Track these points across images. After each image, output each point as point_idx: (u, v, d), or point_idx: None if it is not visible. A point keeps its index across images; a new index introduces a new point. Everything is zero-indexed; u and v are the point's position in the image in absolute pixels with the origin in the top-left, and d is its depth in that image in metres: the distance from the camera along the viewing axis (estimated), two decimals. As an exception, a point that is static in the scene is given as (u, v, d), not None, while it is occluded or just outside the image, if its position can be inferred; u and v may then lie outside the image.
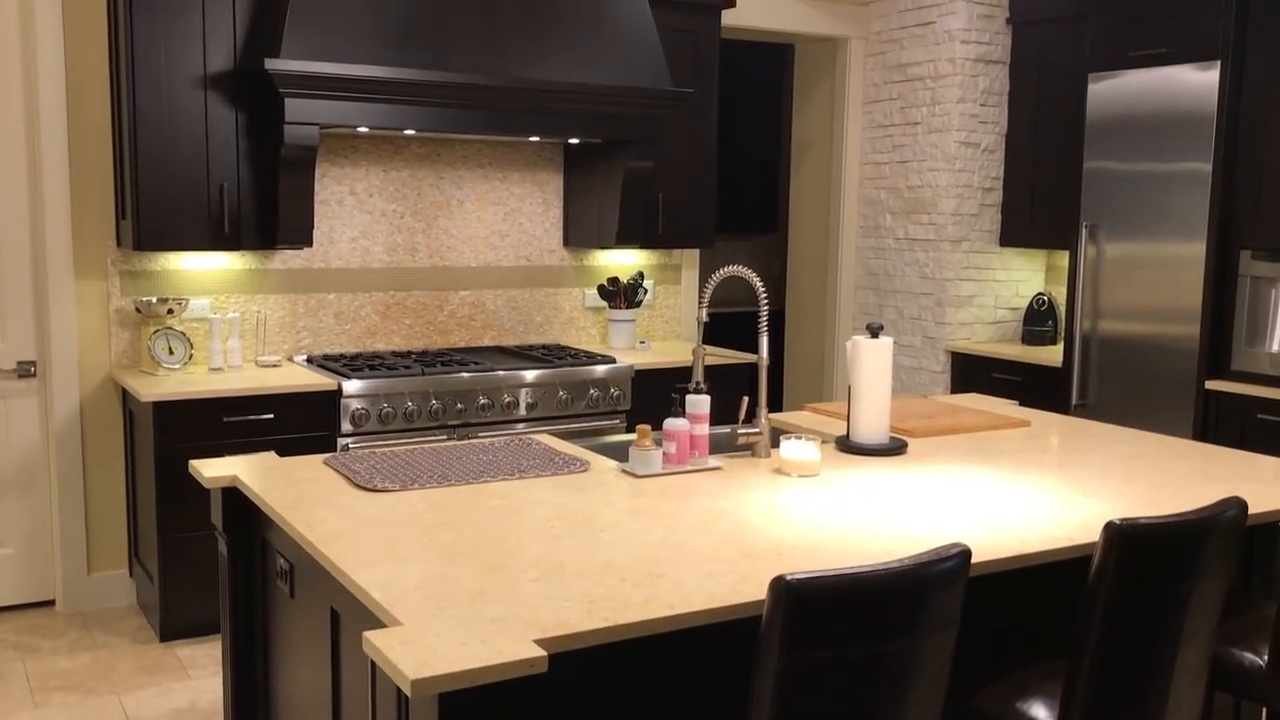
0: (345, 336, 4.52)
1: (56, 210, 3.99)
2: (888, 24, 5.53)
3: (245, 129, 3.95)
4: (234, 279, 4.29)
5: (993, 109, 5.32)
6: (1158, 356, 4.52)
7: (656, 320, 5.25)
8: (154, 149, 3.82)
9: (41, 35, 3.90)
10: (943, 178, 5.30)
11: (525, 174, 4.83)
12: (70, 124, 3.98)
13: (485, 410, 4.15)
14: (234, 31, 3.89)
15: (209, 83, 3.87)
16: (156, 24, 3.77)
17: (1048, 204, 5.18)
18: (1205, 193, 4.33)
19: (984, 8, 5.21)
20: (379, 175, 4.51)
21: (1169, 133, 4.44)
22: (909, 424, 3.10)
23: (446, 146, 4.64)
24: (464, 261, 4.73)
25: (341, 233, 4.47)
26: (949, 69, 5.23)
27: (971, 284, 5.38)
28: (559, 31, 4.22)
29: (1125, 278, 4.63)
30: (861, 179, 5.75)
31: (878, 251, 5.67)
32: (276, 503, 2.28)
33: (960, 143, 5.26)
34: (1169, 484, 2.57)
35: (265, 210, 4.01)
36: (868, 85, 5.68)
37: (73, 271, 4.03)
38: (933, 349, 5.41)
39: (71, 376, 4.07)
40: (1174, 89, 4.41)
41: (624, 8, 4.35)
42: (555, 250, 4.94)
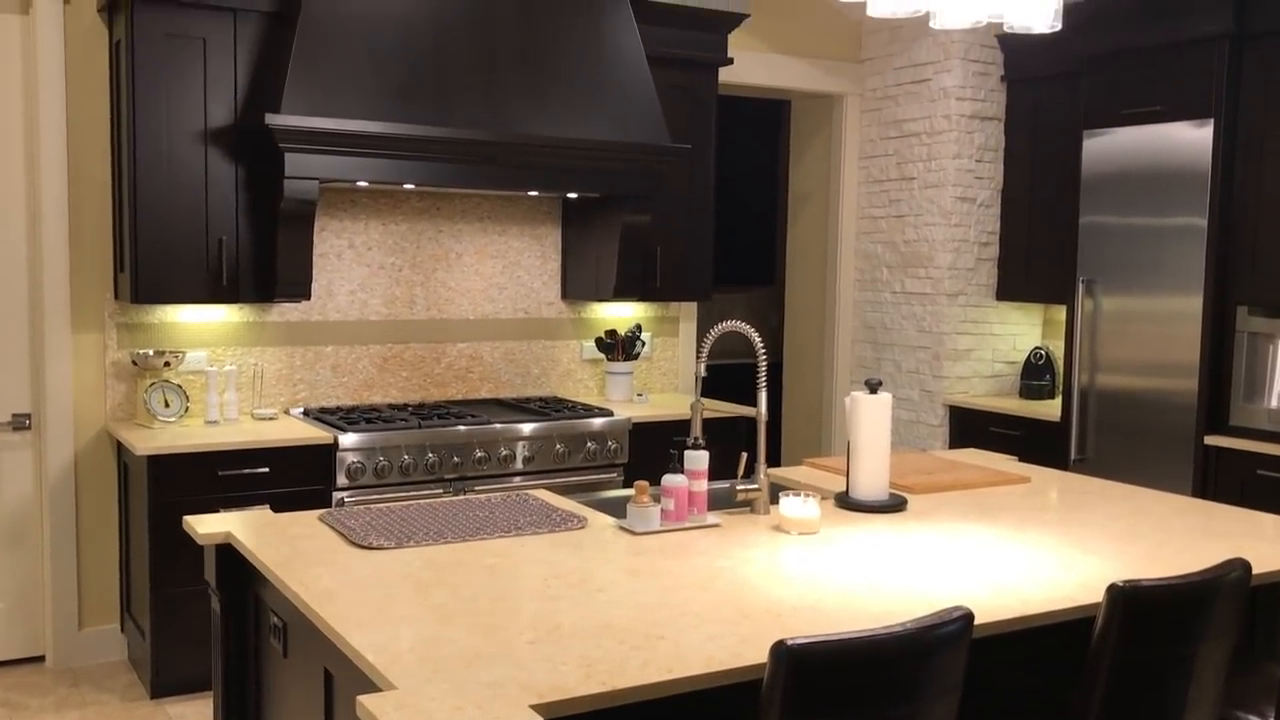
0: (342, 389, 4.51)
1: (55, 263, 3.99)
2: (883, 81, 5.58)
3: (245, 183, 3.96)
4: (231, 331, 4.29)
5: (988, 164, 5.36)
6: (1156, 411, 4.52)
7: (654, 372, 5.25)
8: (153, 202, 3.83)
9: (44, 88, 3.93)
10: (939, 232, 5.33)
11: (524, 227, 4.85)
12: (70, 177, 4.00)
13: (482, 463, 4.13)
14: (235, 86, 3.92)
15: (209, 137, 3.89)
16: (158, 79, 3.80)
17: (1044, 258, 5.20)
18: (1201, 247, 4.35)
19: (979, 65, 5.27)
20: (378, 229, 4.53)
21: (1164, 188, 4.47)
22: (908, 480, 3.09)
23: (446, 200, 4.66)
24: (462, 314, 4.73)
25: (340, 285, 4.47)
26: (945, 125, 5.28)
27: (969, 338, 5.38)
28: (558, 88, 4.25)
29: (1122, 332, 4.64)
30: (858, 233, 5.78)
31: (875, 305, 5.68)
32: (270, 560, 2.26)
33: (956, 198, 5.29)
34: (1170, 542, 2.56)
35: (264, 263, 4.01)
36: (864, 140, 5.72)
37: (70, 324, 4.03)
38: (931, 403, 5.40)
39: (66, 429, 4.05)
40: (1168, 145, 4.45)
41: (623, 65, 4.39)
42: (553, 303, 4.95)
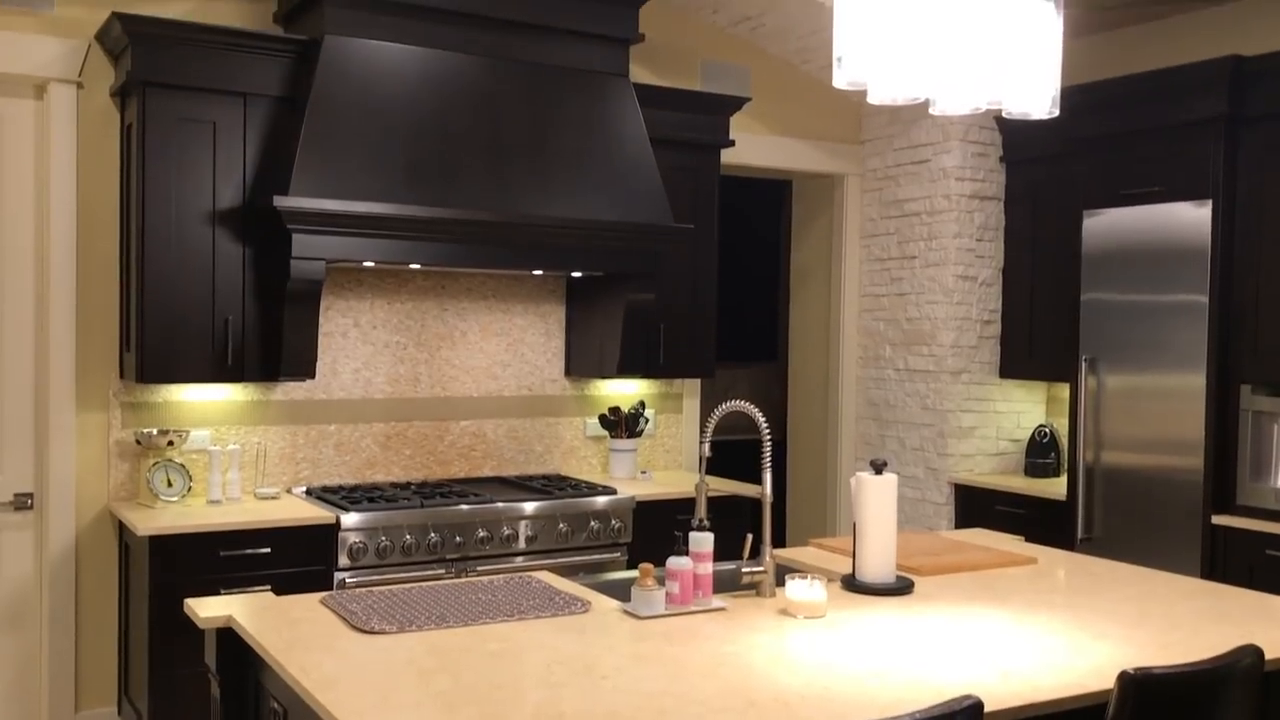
0: (345, 468, 4.50)
1: (61, 342, 4.01)
2: (883, 161, 5.65)
3: (252, 263, 4.00)
4: (236, 410, 4.29)
5: (989, 243, 5.40)
6: (1163, 489, 4.49)
7: (658, 450, 5.24)
8: (160, 282, 3.86)
9: (55, 170, 3.98)
10: (941, 310, 5.35)
11: (528, 305, 4.88)
12: (79, 258, 4.04)
13: (484, 543, 4.11)
14: (244, 168, 3.97)
15: (218, 218, 3.94)
16: (168, 161, 3.85)
17: (1046, 336, 5.22)
18: (1203, 325, 4.36)
19: (977, 146, 5.34)
20: (383, 308, 4.56)
21: (1165, 266, 4.50)
22: (915, 561, 3.07)
23: (451, 279, 4.69)
24: (466, 391, 4.74)
25: (345, 364, 4.49)
26: (945, 205, 5.33)
27: (973, 415, 5.38)
28: (563, 169, 4.31)
29: (1126, 409, 4.64)
30: (860, 310, 5.80)
31: (878, 382, 5.69)
32: (271, 645, 2.24)
33: (958, 276, 5.32)
34: (1180, 626, 2.53)
35: (269, 343, 4.03)
36: (865, 219, 5.78)
37: (74, 404, 4.04)
38: (935, 480, 5.38)
39: (68, 509, 4.04)
40: (1168, 224, 4.49)
41: (627, 147, 4.45)
42: (557, 380, 4.96)
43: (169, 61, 3.81)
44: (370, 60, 4.02)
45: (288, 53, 4.00)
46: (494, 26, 4.25)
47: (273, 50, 3.98)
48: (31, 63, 3.92)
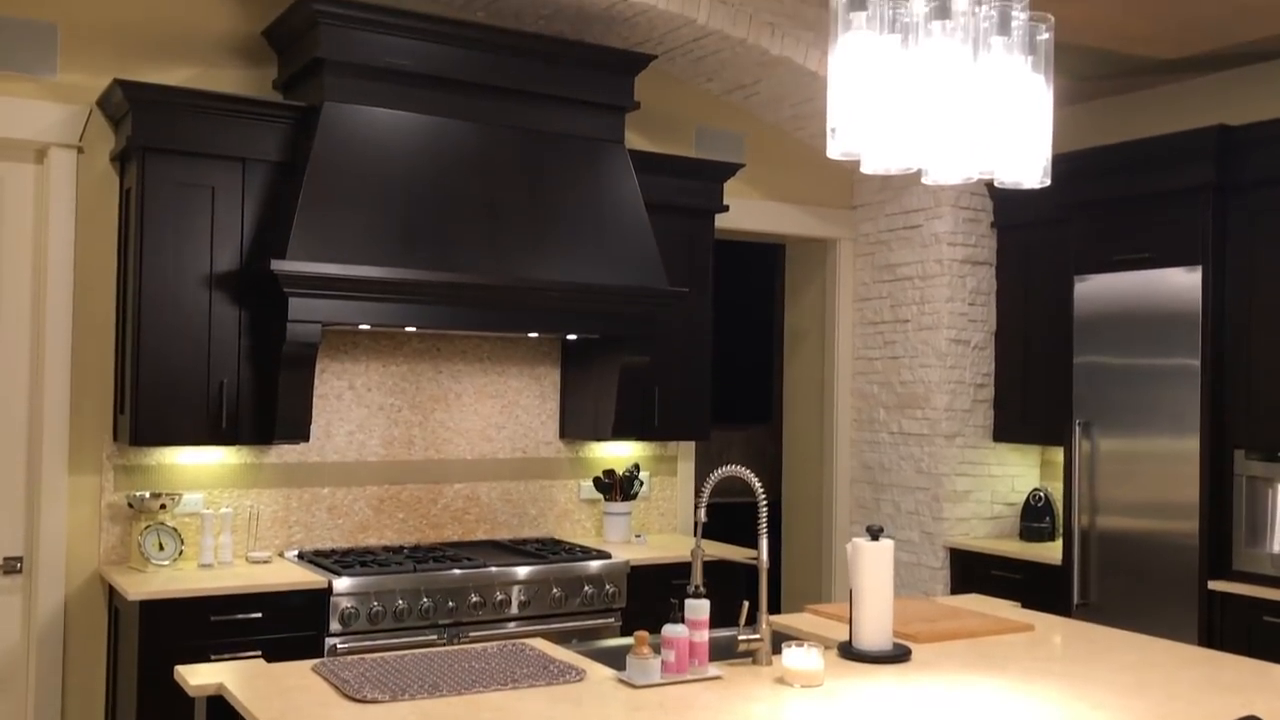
0: (338, 531, 4.47)
1: (55, 406, 4.00)
2: (875, 226, 5.70)
3: (248, 326, 4.01)
4: (229, 473, 4.27)
5: (981, 307, 5.44)
6: (1159, 553, 4.48)
7: (652, 513, 5.22)
8: (156, 345, 3.87)
9: (54, 234, 4.00)
10: (934, 374, 5.37)
11: (523, 367, 4.88)
12: (75, 321, 4.04)
13: (477, 608, 4.07)
14: (242, 232, 4.00)
15: (214, 281, 3.95)
16: (166, 225, 3.88)
17: (1040, 400, 5.23)
18: (1196, 388, 4.38)
19: (969, 212, 5.39)
20: (378, 370, 4.56)
21: (1157, 329, 4.52)
22: (912, 628, 3.05)
23: (446, 341, 4.70)
24: (460, 454, 4.73)
25: (339, 426, 4.48)
26: (937, 269, 5.37)
27: (967, 479, 5.37)
28: (559, 233, 4.34)
29: (1121, 473, 4.64)
30: (854, 373, 5.82)
31: (873, 445, 5.69)
32: (263, 714, 2.21)
33: (950, 340, 5.35)
34: (1179, 696, 2.51)
35: (264, 406, 4.03)
36: (858, 283, 5.81)
37: (67, 467, 4.02)
38: (931, 545, 5.36)
39: (58, 573, 4.00)
40: (1159, 289, 4.52)
41: (622, 212, 4.49)
42: (551, 442, 4.95)
43: (169, 127, 3.85)
44: (368, 126, 4.07)
45: (287, 119, 4.05)
46: (491, 94, 4.30)
47: (272, 116, 4.02)
48: (33, 128, 3.95)
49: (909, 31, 2.43)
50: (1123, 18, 4.63)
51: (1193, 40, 4.72)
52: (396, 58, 4.10)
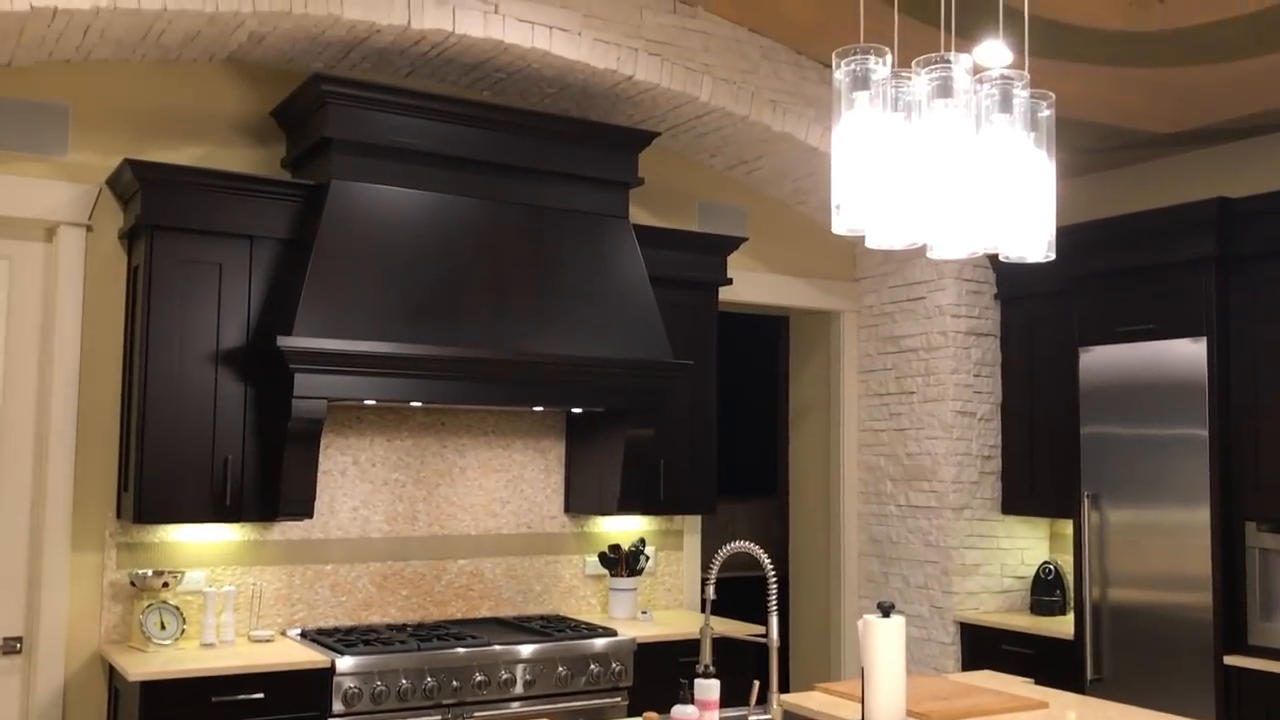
0: (341, 609, 4.43)
1: (59, 483, 3.98)
2: (879, 299, 5.72)
3: (254, 403, 4.00)
4: (232, 551, 4.24)
5: (986, 379, 5.44)
6: (1172, 628, 4.42)
7: (659, 588, 5.16)
8: (161, 422, 3.86)
9: (61, 311, 4.02)
10: (941, 445, 5.35)
11: (528, 441, 4.87)
12: (81, 398, 4.04)
13: (482, 688, 4.01)
14: (248, 309, 4.01)
15: (220, 358, 3.96)
16: (173, 302, 3.90)
17: (1047, 471, 5.20)
18: (1204, 459, 4.35)
19: (972, 284, 5.41)
20: (383, 445, 4.55)
21: (1163, 399, 4.51)
22: (925, 706, 2.99)
23: (451, 415, 4.70)
24: (464, 529, 4.69)
25: (343, 502, 4.45)
26: (941, 341, 5.38)
27: (976, 552, 5.32)
28: (564, 307, 4.36)
29: (1132, 545, 4.60)
30: (860, 445, 5.80)
31: (880, 518, 5.65)
32: (265, 802, 2.16)
33: (956, 412, 5.34)
34: (1201, 777, 2.45)
35: (268, 482, 4.01)
36: (862, 355, 5.82)
37: (69, 545, 3.99)
38: (941, 619, 5.29)
39: (58, 654, 3.95)
40: (1164, 361, 4.52)
41: (626, 285, 4.51)
42: (556, 517, 4.92)
43: (178, 206, 3.89)
44: (375, 203, 4.10)
45: (295, 197, 4.09)
46: (497, 171, 4.35)
47: (280, 195, 4.06)
48: (43, 206, 3.99)
49: (912, 109, 2.46)
50: (1119, 94, 4.69)
51: (1190, 115, 4.78)
52: (403, 136, 4.15)
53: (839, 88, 2.45)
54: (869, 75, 2.42)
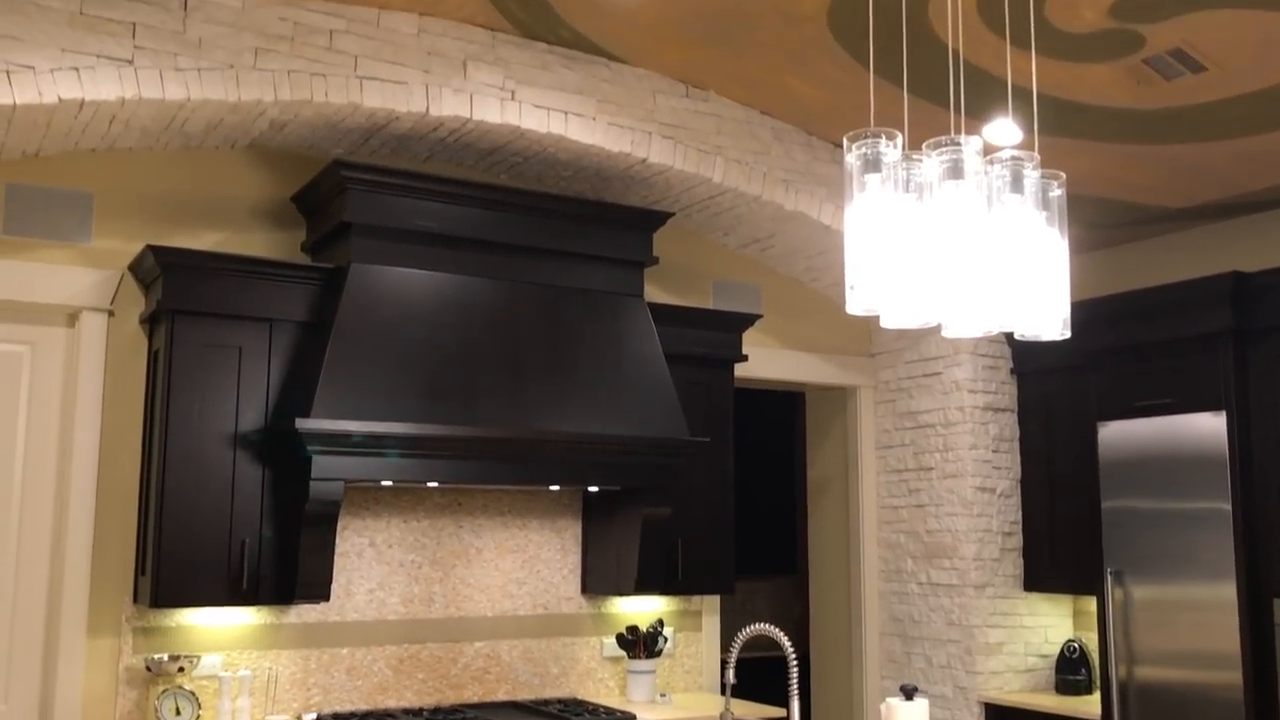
0: (357, 693, 4.38)
1: (77, 568, 3.98)
2: (895, 374, 5.72)
3: (271, 485, 4.01)
4: (248, 634, 4.21)
5: (1005, 454, 5.41)
6: (1202, 706, 4.33)
7: (677, 670, 5.09)
8: (179, 506, 3.87)
9: (82, 396, 4.05)
10: (961, 522, 5.30)
11: (544, 521, 4.85)
12: (100, 482, 4.05)
13: (500, 774, 3.95)
14: (267, 391, 4.04)
15: (239, 441, 3.98)
16: (193, 385, 3.92)
17: (1069, 547, 5.14)
18: (1229, 533, 4.30)
19: (988, 359, 5.41)
20: (399, 526, 4.54)
21: (1185, 473, 4.47)
22: (950, 794, 2.93)
23: (467, 495, 4.69)
24: (480, 611, 4.65)
25: (359, 584, 4.43)
26: (959, 416, 5.36)
27: (999, 630, 5.25)
28: (580, 385, 4.37)
29: (1158, 621, 4.52)
30: (880, 522, 5.75)
31: (901, 596, 5.58)
32: None
33: (976, 488, 5.30)
34: None
35: (285, 565, 4.00)
36: (880, 431, 5.80)
37: (85, 631, 3.97)
38: (965, 700, 5.20)
39: (71, 740, 3.91)
40: (1184, 434, 4.49)
41: (642, 363, 4.53)
42: (573, 598, 4.87)
43: (199, 290, 3.94)
44: (393, 286, 4.14)
45: (314, 280, 4.13)
46: (514, 252, 4.40)
47: (300, 278, 4.11)
48: (66, 293, 4.05)
49: (923, 190, 2.48)
50: (1130, 170, 4.73)
51: (1201, 190, 4.81)
52: (422, 220, 4.21)
53: (850, 170, 2.48)
54: (880, 158, 2.45)
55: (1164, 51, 3.87)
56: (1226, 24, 3.69)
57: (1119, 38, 3.85)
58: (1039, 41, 3.90)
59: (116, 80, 3.68)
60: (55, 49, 3.61)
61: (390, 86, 4.10)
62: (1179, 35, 3.78)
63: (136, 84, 3.71)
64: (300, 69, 3.96)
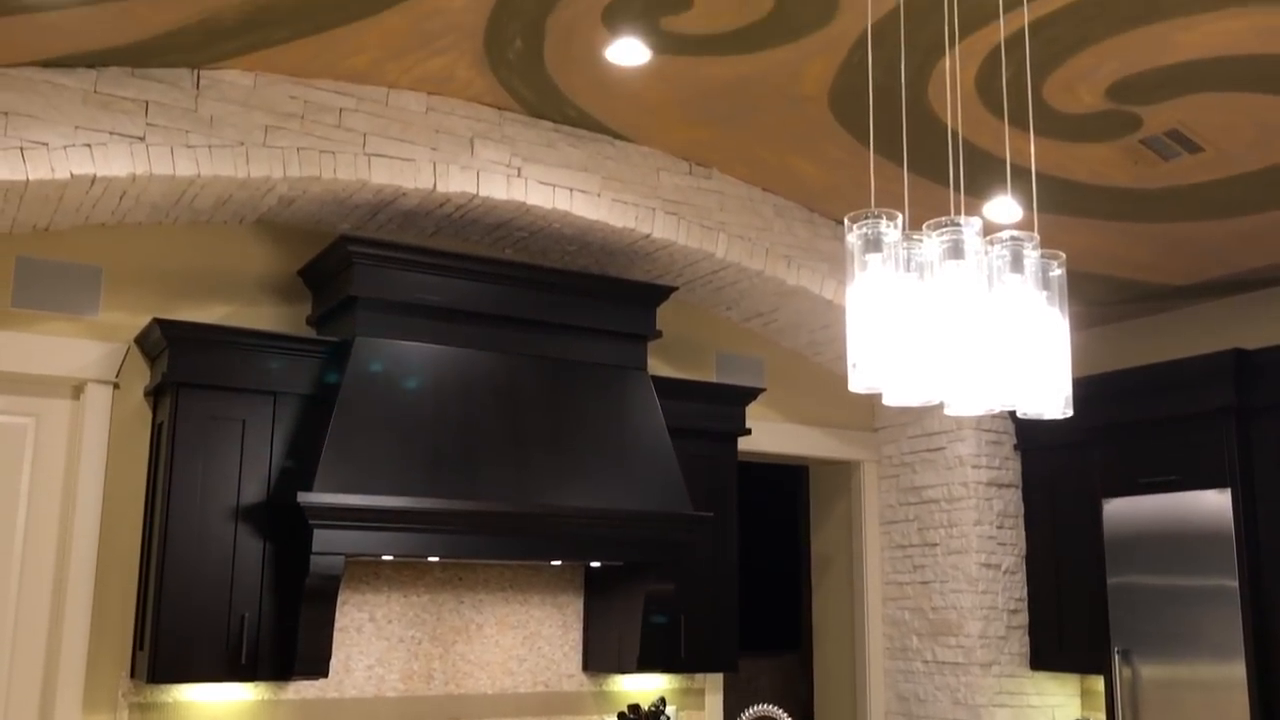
0: (354, 772, 4.31)
1: (74, 644, 3.94)
2: (899, 449, 5.71)
3: (272, 559, 3.99)
4: (246, 711, 4.16)
5: (1010, 530, 5.37)
6: (1214, 792, 4.25)
7: (679, 750, 5.01)
8: (179, 580, 3.84)
9: (85, 468, 4.05)
10: (966, 599, 5.25)
11: (545, 596, 4.81)
12: (100, 556, 4.03)
13: None
14: (270, 464, 4.04)
15: (240, 514, 3.97)
16: (196, 458, 3.92)
17: (1075, 625, 5.09)
18: (1237, 610, 4.26)
19: (991, 434, 5.41)
20: (400, 601, 4.50)
21: (1191, 550, 4.45)
22: None
23: (469, 570, 4.66)
24: (480, 688, 4.60)
25: (358, 660, 4.38)
26: (963, 492, 5.34)
27: (1006, 710, 5.17)
28: (583, 460, 4.36)
29: (1167, 701, 4.46)
30: (885, 599, 5.70)
31: (907, 675, 5.51)
32: None
33: (981, 564, 5.26)
34: None
35: (284, 640, 3.96)
36: (884, 506, 5.77)
37: (81, 707, 3.92)
38: (972, 781, 5.11)
39: (63, 820, 3.84)
40: (1189, 511, 4.47)
41: (645, 438, 4.53)
42: (574, 675, 4.82)
43: (204, 363, 3.96)
44: (398, 359, 4.16)
45: (319, 353, 4.15)
46: (518, 326, 4.42)
47: (305, 351, 4.13)
48: (72, 365, 4.07)
49: (924, 269, 2.50)
50: (1130, 248, 4.77)
51: (1201, 268, 4.84)
52: (427, 294, 4.24)
53: (852, 250, 2.50)
54: (881, 238, 2.48)
55: (1161, 132, 3.92)
56: (1221, 107, 3.74)
57: (1116, 119, 3.91)
58: (1037, 122, 3.96)
59: (128, 156, 3.74)
60: (69, 126, 3.67)
61: (398, 163, 4.16)
62: (1175, 117, 3.84)
63: (148, 160, 3.77)
64: (310, 146, 4.03)
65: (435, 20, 3.67)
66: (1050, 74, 3.69)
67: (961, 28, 3.47)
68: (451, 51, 3.90)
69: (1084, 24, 3.41)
